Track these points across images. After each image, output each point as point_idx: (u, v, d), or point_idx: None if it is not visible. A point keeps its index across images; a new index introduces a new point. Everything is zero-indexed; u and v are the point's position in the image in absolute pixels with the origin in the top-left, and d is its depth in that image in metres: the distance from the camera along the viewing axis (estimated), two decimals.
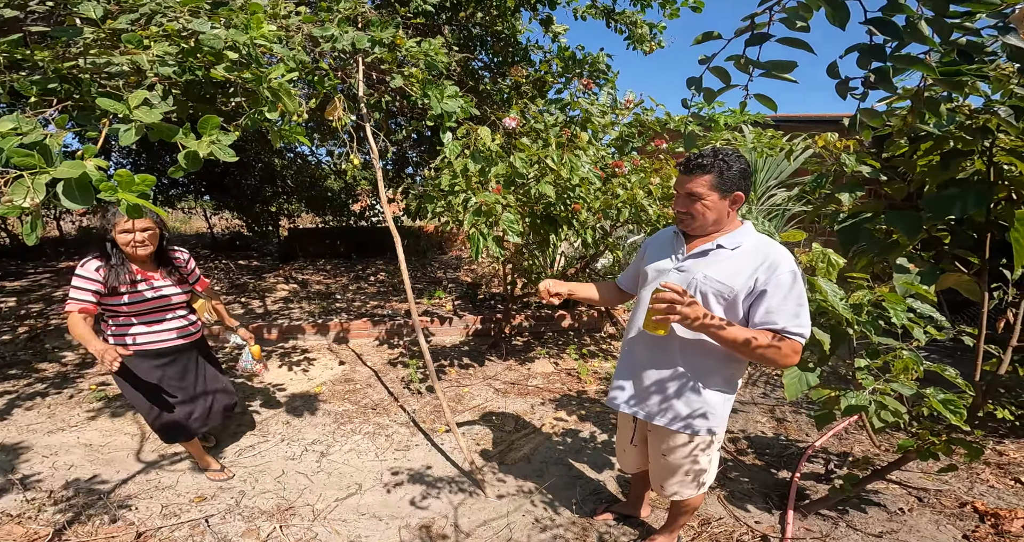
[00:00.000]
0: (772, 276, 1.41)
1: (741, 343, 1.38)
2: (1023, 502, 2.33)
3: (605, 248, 3.94)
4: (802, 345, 1.42)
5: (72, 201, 1.25)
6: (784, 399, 3.57)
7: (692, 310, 1.35)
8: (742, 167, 1.46)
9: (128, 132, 1.57)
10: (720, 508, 2.30)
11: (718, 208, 1.48)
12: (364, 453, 2.74)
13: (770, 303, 1.41)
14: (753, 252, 1.47)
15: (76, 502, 2.24)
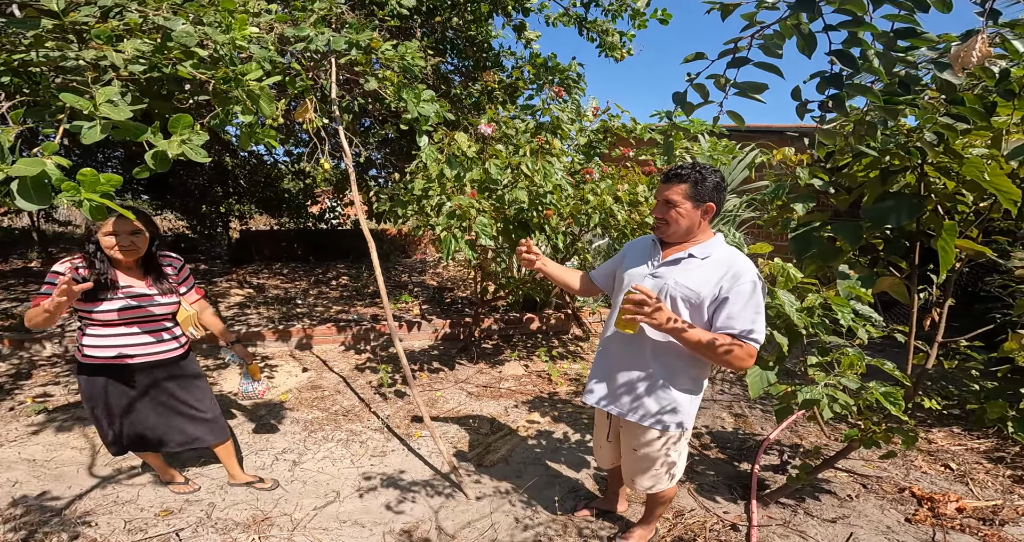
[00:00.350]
0: (735, 285, 1.53)
1: (703, 345, 1.51)
2: (954, 486, 2.56)
3: (574, 252, 4.05)
4: (756, 350, 1.55)
5: (27, 201, 1.19)
6: (741, 395, 3.77)
7: (659, 313, 1.46)
8: (716, 181, 1.59)
9: (92, 130, 1.49)
10: (691, 500, 2.41)
11: (691, 217, 1.61)
12: (339, 460, 2.69)
13: (731, 309, 1.53)
14: (720, 262, 1.60)
15: (28, 520, 2.09)
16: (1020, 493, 2.46)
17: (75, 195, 1.23)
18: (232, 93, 1.92)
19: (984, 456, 2.83)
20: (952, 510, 2.31)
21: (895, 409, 1.75)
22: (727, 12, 1.06)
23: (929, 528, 2.19)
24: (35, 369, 3.68)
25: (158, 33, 1.91)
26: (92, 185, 1.24)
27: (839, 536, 2.13)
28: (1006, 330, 2.18)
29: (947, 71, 1.09)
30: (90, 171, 1.24)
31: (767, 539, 2.12)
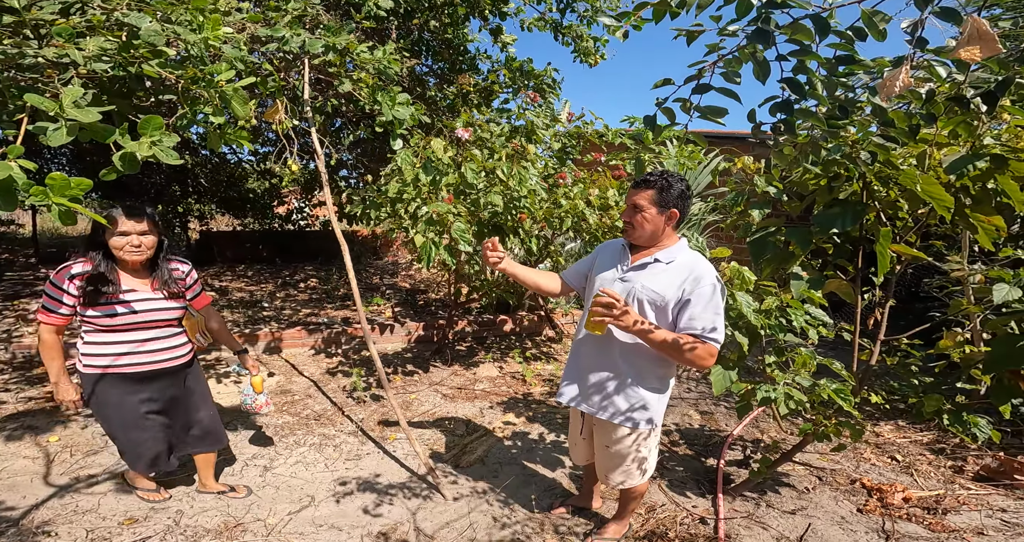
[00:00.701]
0: (696, 288, 1.63)
1: (668, 345, 1.60)
2: (900, 477, 2.72)
3: (547, 255, 4.12)
4: (717, 349, 1.64)
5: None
6: (707, 394, 3.92)
7: (626, 316, 1.55)
8: (682, 189, 1.68)
9: (58, 132, 1.45)
10: (662, 496, 2.50)
11: (655, 222, 1.69)
12: (312, 465, 2.66)
13: (693, 311, 1.62)
14: (684, 267, 1.69)
15: None
16: (960, 483, 2.63)
17: (44, 199, 1.20)
18: (201, 94, 1.89)
19: (927, 448, 3.02)
20: (899, 500, 2.44)
21: (846, 404, 1.88)
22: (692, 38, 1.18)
23: (879, 518, 2.33)
24: None
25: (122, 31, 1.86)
26: (62, 189, 1.21)
27: (799, 527, 2.25)
28: (943, 328, 2.36)
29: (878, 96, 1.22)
30: (60, 175, 1.21)
31: (734, 531, 2.22)
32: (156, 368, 1.97)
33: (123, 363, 1.91)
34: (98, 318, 1.83)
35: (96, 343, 1.88)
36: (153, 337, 1.95)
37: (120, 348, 1.90)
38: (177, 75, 1.84)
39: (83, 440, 2.77)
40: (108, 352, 1.88)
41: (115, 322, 1.86)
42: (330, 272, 7.20)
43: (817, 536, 2.18)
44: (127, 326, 1.89)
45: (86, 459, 2.58)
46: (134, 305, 1.88)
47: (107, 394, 1.92)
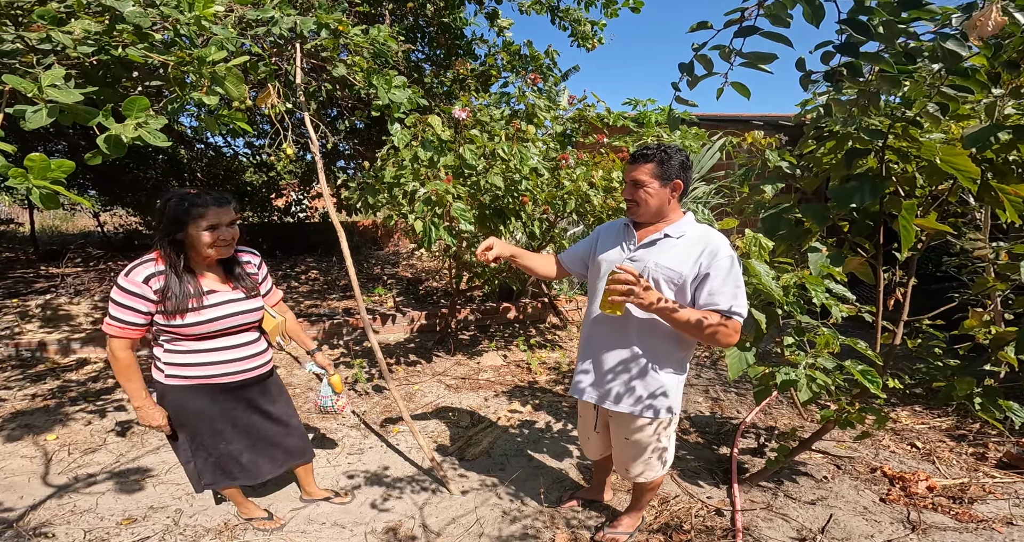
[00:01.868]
0: (713, 261, 1.54)
1: (692, 324, 1.50)
2: (921, 465, 2.63)
3: (549, 240, 4.02)
4: (741, 324, 1.55)
5: None
6: (716, 380, 3.84)
7: (647, 293, 1.44)
8: (682, 159, 1.59)
9: (38, 114, 1.37)
10: (675, 486, 2.43)
11: (660, 195, 1.60)
12: (314, 460, 2.59)
13: (712, 285, 1.53)
14: (697, 240, 1.60)
15: None
16: (984, 471, 2.54)
17: (23, 182, 1.13)
18: (192, 76, 1.79)
19: (946, 434, 2.92)
20: (923, 489, 2.36)
21: (873, 387, 1.78)
22: None
23: (903, 508, 2.24)
24: None
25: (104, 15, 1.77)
26: (42, 171, 1.14)
27: (820, 517, 2.17)
28: (964, 309, 2.26)
29: (950, 41, 1.08)
30: (39, 156, 1.13)
31: (752, 523, 2.14)
32: (243, 378, 1.77)
33: (210, 373, 1.70)
34: (181, 327, 1.61)
35: (179, 352, 1.67)
36: (239, 343, 1.73)
37: (205, 357, 1.68)
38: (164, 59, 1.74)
39: (81, 438, 2.71)
40: (194, 361, 1.67)
41: (200, 330, 1.63)
42: (331, 263, 7.13)
43: (840, 527, 2.10)
44: (212, 333, 1.67)
45: (84, 458, 2.53)
46: (218, 309, 1.66)
47: (195, 406, 1.73)
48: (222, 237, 1.60)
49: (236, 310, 1.70)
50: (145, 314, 1.58)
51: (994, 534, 2.04)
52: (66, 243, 8.14)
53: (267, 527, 2.04)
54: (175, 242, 1.59)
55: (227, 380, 1.73)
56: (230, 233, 1.62)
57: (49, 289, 5.14)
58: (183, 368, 1.68)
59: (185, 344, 1.66)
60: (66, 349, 3.78)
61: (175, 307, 1.57)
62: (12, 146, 1.23)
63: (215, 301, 1.66)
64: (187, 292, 1.59)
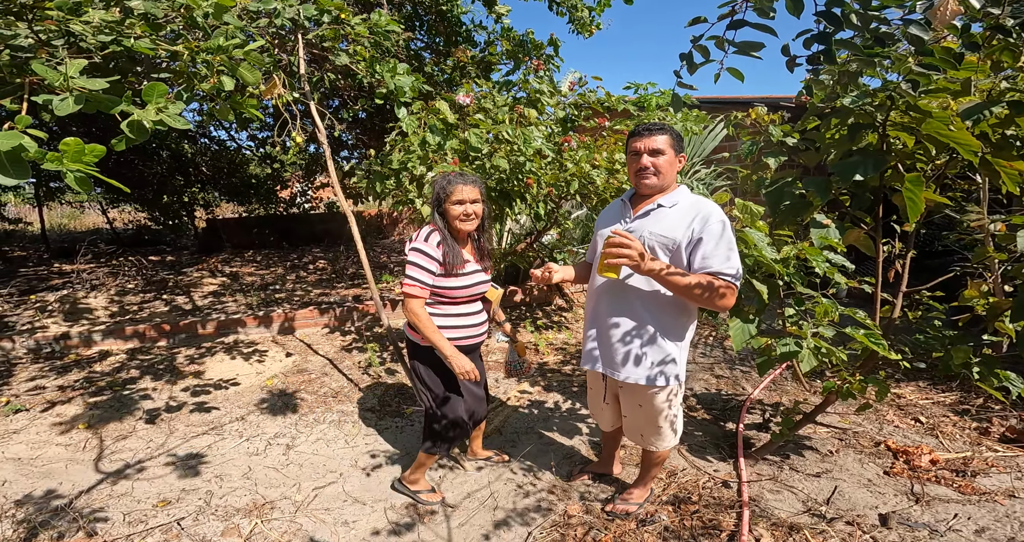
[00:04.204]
0: (705, 226, 1.61)
1: (688, 287, 1.57)
2: (925, 439, 2.68)
3: (553, 222, 4.07)
4: (736, 285, 1.62)
5: (6, 175, 1.15)
6: (722, 358, 3.91)
7: (641, 255, 1.51)
8: (680, 135, 1.73)
9: (65, 102, 1.42)
10: (682, 460, 2.51)
11: (673, 164, 1.71)
12: (333, 441, 2.70)
13: (705, 249, 1.61)
14: (689, 208, 1.68)
15: (26, 518, 2.05)
16: (987, 445, 2.59)
17: (58, 165, 1.18)
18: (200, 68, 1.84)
19: (950, 409, 2.97)
20: (927, 463, 2.41)
21: (881, 349, 1.83)
22: None
23: (907, 480, 2.30)
24: (13, 367, 3.55)
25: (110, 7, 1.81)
26: (76, 155, 1.19)
27: (824, 490, 2.23)
28: (963, 282, 2.30)
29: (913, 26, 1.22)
30: (74, 140, 1.19)
31: (759, 495, 2.21)
32: (475, 342, 2.01)
33: (457, 335, 1.92)
34: (447, 289, 1.86)
35: (438, 316, 1.89)
36: (475, 310, 1.98)
37: (455, 320, 1.92)
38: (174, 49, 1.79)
39: (112, 426, 2.82)
40: (448, 324, 1.90)
41: (458, 294, 1.88)
42: (337, 253, 7.21)
43: (845, 499, 2.17)
44: (464, 298, 1.92)
45: (116, 444, 2.64)
46: (470, 277, 1.90)
47: (438, 367, 1.95)
48: (465, 212, 1.83)
49: (480, 280, 1.95)
50: (434, 274, 1.84)
51: (996, 506, 2.09)
52: (75, 240, 8.25)
53: (432, 500, 2.16)
54: (441, 214, 1.87)
55: (464, 343, 1.96)
56: (473, 209, 1.84)
57: (65, 285, 5.25)
58: (441, 330, 1.89)
59: (441, 308, 1.91)
60: (88, 341, 3.89)
61: (451, 265, 1.83)
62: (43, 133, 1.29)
63: (469, 270, 1.91)
64: (457, 253, 1.85)
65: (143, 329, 4.02)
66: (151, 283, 5.52)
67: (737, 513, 2.05)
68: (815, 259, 1.83)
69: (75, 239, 8.62)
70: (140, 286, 5.39)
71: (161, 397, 3.17)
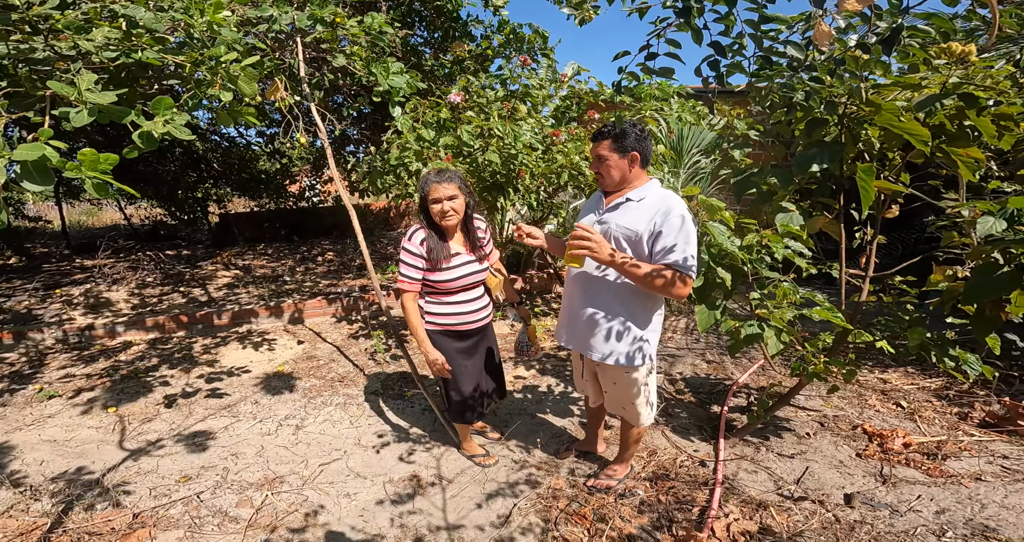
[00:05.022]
0: (666, 219, 1.73)
1: (644, 275, 1.70)
2: (903, 423, 2.76)
3: (550, 212, 4.20)
4: (691, 277, 1.74)
5: (32, 183, 1.29)
6: (714, 344, 4.03)
7: (599, 246, 1.67)
8: (635, 133, 1.78)
9: (80, 114, 1.57)
10: (664, 440, 2.65)
11: (619, 167, 1.82)
12: (338, 422, 2.89)
13: (664, 241, 1.73)
14: (654, 202, 1.80)
15: (63, 493, 2.26)
16: (964, 429, 2.65)
17: (77, 173, 1.34)
18: (206, 75, 1.98)
19: (933, 394, 3.04)
20: (899, 446, 2.48)
21: (839, 321, 1.94)
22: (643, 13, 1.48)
23: (877, 462, 2.39)
24: (45, 357, 3.82)
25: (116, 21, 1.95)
26: (93, 164, 1.35)
27: (797, 470, 2.35)
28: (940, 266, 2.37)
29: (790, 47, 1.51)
30: (90, 151, 1.34)
31: (735, 474, 2.34)
32: (473, 327, 2.17)
33: (453, 322, 2.13)
34: (437, 281, 2.05)
35: (434, 304, 2.11)
36: (472, 297, 2.15)
37: (451, 308, 2.11)
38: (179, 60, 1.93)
39: (138, 410, 3.05)
40: (443, 311, 2.11)
41: (449, 286, 2.06)
42: (345, 245, 7.41)
43: (815, 479, 2.28)
44: (457, 288, 2.09)
45: (142, 426, 2.86)
46: (460, 268, 2.06)
47: (444, 348, 2.15)
48: (442, 209, 1.96)
49: (471, 270, 2.09)
50: (420, 270, 2.03)
51: (961, 489, 2.18)
52: (94, 236, 8.57)
53: (486, 463, 2.41)
54: (425, 212, 2.02)
55: (463, 328, 2.15)
56: (450, 206, 1.97)
57: (87, 279, 5.52)
58: (436, 317, 2.11)
59: (437, 297, 2.11)
60: (112, 332, 4.14)
61: (435, 260, 2.00)
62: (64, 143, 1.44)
63: (458, 262, 2.06)
64: (441, 248, 2.01)
65: (162, 320, 4.25)
66: (169, 277, 5.78)
67: (710, 490, 2.19)
68: (775, 245, 1.95)
69: (94, 235, 8.95)
70: (158, 279, 5.64)
71: (180, 383, 3.40)
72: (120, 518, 2.09)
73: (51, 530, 2.02)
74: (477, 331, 2.23)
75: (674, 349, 3.96)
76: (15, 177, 1.25)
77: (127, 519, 2.09)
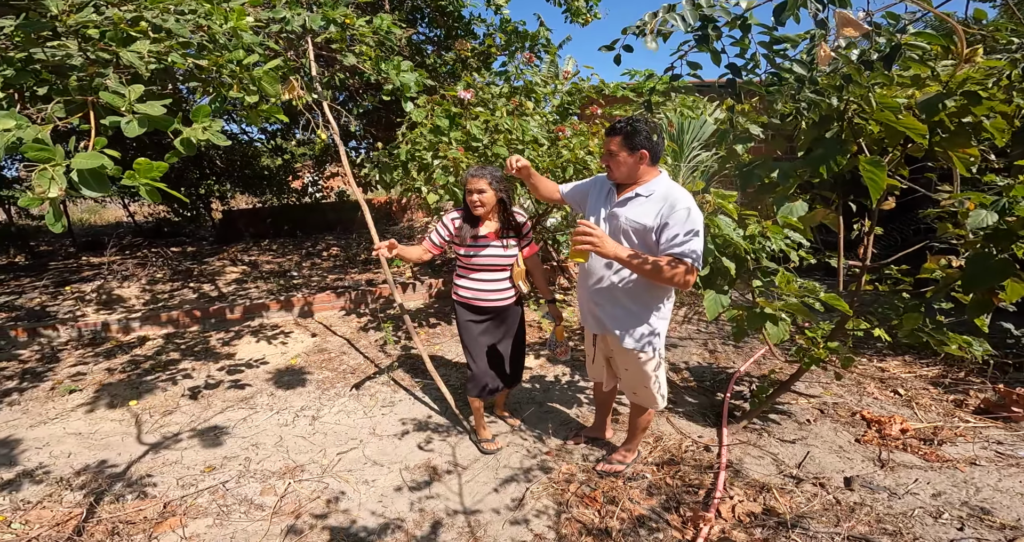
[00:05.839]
0: (672, 212, 1.80)
1: (648, 267, 1.75)
2: (901, 410, 2.83)
3: (554, 206, 4.27)
4: (696, 267, 1.79)
5: (90, 189, 1.37)
6: (716, 334, 4.12)
7: (602, 241, 1.71)
8: (646, 131, 1.84)
9: (131, 125, 1.62)
10: (669, 427, 2.75)
11: (628, 163, 1.89)
12: (353, 413, 2.98)
13: (669, 233, 1.79)
14: (662, 196, 1.87)
15: (94, 485, 2.35)
16: (960, 416, 2.72)
17: (133, 181, 1.42)
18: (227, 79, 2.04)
19: (931, 382, 3.12)
20: (897, 431, 2.55)
21: (842, 305, 2.01)
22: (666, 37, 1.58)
23: (876, 448, 2.47)
24: (59, 353, 3.90)
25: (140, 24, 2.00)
26: (146, 172, 1.43)
27: (798, 454, 2.44)
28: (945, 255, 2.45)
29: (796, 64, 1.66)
30: (144, 160, 1.42)
31: (739, 458, 2.42)
32: (486, 305, 2.40)
33: (469, 296, 2.40)
34: (461, 257, 2.38)
35: (459, 277, 2.44)
36: (491, 278, 2.39)
37: (470, 283, 2.40)
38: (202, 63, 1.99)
39: (159, 403, 3.14)
40: (463, 285, 2.41)
41: (469, 262, 2.36)
42: (350, 240, 7.48)
43: (815, 463, 2.36)
44: (477, 266, 2.36)
45: (164, 419, 2.95)
46: (482, 250, 2.33)
47: (461, 317, 2.45)
48: (472, 199, 2.25)
49: (492, 254, 2.35)
50: (441, 237, 2.37)
51: (956, 473, 2.26)
52: (98, 234, 8.61)
53: (489, 448, 2.56)
54: (464, 200, 2.34)
55: (477, 303, 2.40)
56: (475, 198, 2.25)
57: (96, 276, 5.59)
58: (459, 289, 2.44)
59: (464, 272, 2.42)
60: (127, 328, 4.22)
61: (461, 239, 2.33)
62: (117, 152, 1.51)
63: (481, 244, 2.33)
64: (466, 231, 2.32)
65: (176, 315, 4.33)
66: (177, 273, 5.85)
67: (715, 474, 2.28)
68: (775, 236, 2.03)
69: (97, 233, 8.99)
70: (168, 276, 5.71)
71: (199, 376, 3.48)
72: (151, 507, 2.18)
73: (85, 520, 2.10)
74: (491, 310, 2.43)
75: (677, 338, 4.05)
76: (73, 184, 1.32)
77: (158, 508, 2.18)
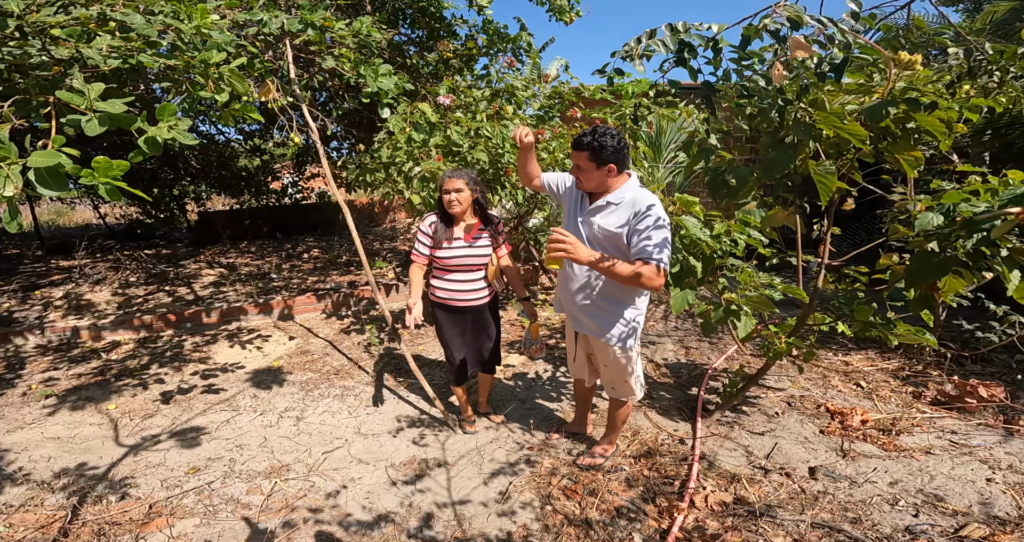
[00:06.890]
0: (642, 218, 1.89)
1: (619, 271, 1.84)
2: (862, 402, 2.98)
3: (535, 207, 4.35)
4: (664, 269, 1.87)
5: (47, 188, 1.37)
6: (692, 331, 4.25)
7: (576, 249, 1.78)
8: (613, 144, 1.88)
9: (91, 123, 1.61)
10: (647, 421, 2.84)
11: (595, 177, 1.95)
12: (337, 413, 3.01)
13: (639, 237, 1.88)
14: (631, 202, 1.95)
15: (76, 487, 2.34)
16: (917, 407, 2.86)
17: (92, 180, 1.42)
18: (199, 78, 2.04)
19: (891, 375, 3.28)
20: (858, 423, 2.68)
21: (799, 293, 2.14)
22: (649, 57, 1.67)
23: (838, 438, 2.60)
24: (27, 359, 3.81)
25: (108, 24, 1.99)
26: (106, 170, 1.43)
27: (767, 446, 2.56)
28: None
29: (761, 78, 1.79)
30: (103, 159, 1.41)
31: (712, 451, 2.53)
32: (463, 305, 2.47)
33: (447, 297, 2.47)
34: (438, 259, 2.42)
35: (436, 278, 2.49)
36: (466, 278, 2.45)
37: (445, 284, 2.46)
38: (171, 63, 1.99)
39: (137, 406, 3.11)
40: (440, 286, 2.47)
41: (446, 263, 2.42)
42: (331, 242, 7.44)
43: (782, 454, 2.49)
44: (453, 267, 2.42)
45: (144, 422, 2.93)
46: (455, 250, 2.40)
47: (438, 317, 2.55)
48: (448, 199, 2.32)
49: (464, 254, 2.41)
50: (427, 246, 2.42)
51: (912, 461, 2.39)
52: (67, 236, 8.38)
53: (472, 430, 2.75)
54: (439, 201, 2.39)
55: (455, 304, 2.47)
56: (450, 197, 2.32)
57: (66, 280, 5.46)
58: (436, 290, 2.49)
59: (440, 273, 2.47)
60: (98, 333, 4.14)
61: (437, 241, 2.38)
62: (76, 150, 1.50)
63: (455, 246, 2.40)
64: (441, 232, 2.39)
65: (150, 320, 4.27)
66: (152, 276, 5.74)
67: (689, 465, 2.38)
68: (739, 234, 2.15)
69: (66, 235, 8.74)
70: (142, 279, 5.61)
71: (176, 380, 3.46)
72: (136, 508, 2.19)
73: (70, 522, 2.10)
74: (469, 309, 2.50)
75: (655, 336, 4.17)
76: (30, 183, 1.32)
77: (143, 509, 2.18)
